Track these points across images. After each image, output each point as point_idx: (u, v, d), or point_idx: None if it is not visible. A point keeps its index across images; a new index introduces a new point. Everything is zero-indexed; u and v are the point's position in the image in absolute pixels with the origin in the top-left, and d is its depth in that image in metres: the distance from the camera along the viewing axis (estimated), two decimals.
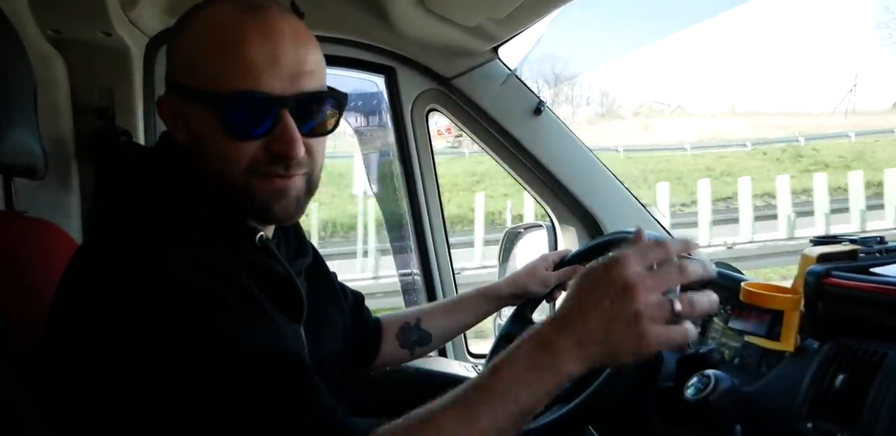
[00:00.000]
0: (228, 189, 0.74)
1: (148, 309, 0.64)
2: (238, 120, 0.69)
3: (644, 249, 0.64)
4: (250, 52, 0.68)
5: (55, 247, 0.98)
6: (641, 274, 0.62)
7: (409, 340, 1.14)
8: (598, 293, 0.62)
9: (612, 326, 0.61)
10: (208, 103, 0.70)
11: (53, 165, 1.10)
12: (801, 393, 0.76)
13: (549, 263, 1.18)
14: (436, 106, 1.60)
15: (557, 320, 0.64)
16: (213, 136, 0.71)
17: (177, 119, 0.76)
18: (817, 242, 0.87)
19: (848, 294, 0.76)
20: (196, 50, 0.71)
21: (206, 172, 0.74)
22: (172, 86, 0.75)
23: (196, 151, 0.74)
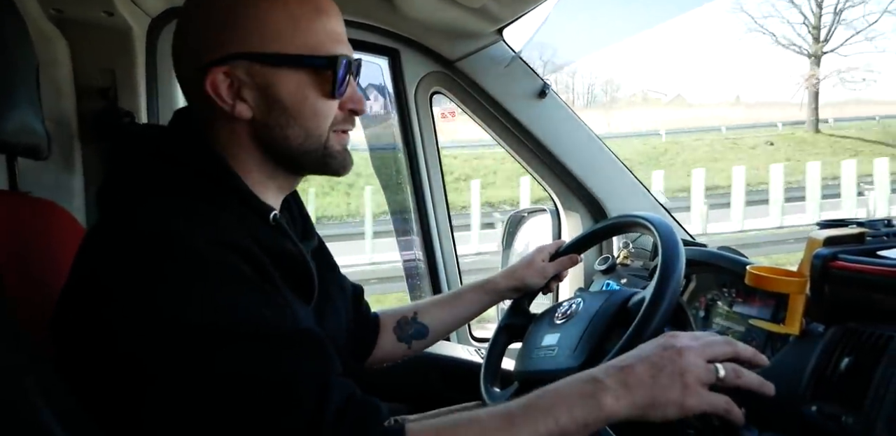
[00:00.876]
0: (313, 147, 0.79)
1: (171, 284, 0.63)
2: (339, 80, 0.77)
3: (695, 334, 0.73)
4: (332, 24, 0.78)
5: (59, 227, 0.98)
6: (690, 342, 0.70)
7: (406, 333, 1.13)
8: (651, 350, 0.69)
9: (659, 375, 0.66)
10: (310, 66, 0.76)
11: (57, 146, 1.10)
12: (806, 376, 0.76)
13: (545, 255, 1.17)
14: (440, 89, 1.59)
15: (610, 365, 0.70)
16: (310, 98, 0.77)
17: (242, 90, 0.75)
18: (824, 225, 0.87)
19: (855, 277, 0.76)
20: (285, 18, 0.75)
21: (288, 137, 0.78)
22: (244, 55, 0.75)
23: (277, 118, 0.77)
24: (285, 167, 0.81)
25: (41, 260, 0.91)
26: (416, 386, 1.51)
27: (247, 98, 0.76)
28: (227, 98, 0.75)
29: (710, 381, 0.67)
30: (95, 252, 0.69)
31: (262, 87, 0.76)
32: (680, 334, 0.71)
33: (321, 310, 0.87)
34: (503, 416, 0.66)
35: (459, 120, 1.80)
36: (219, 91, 0.75)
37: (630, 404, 0.66)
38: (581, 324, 0.98)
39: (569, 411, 0.65)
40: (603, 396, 0.65)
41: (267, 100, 0.76)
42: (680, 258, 0.90)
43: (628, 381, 0.66)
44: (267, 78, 0.75)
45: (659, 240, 0.93)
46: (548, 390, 0.68)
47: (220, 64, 0.74)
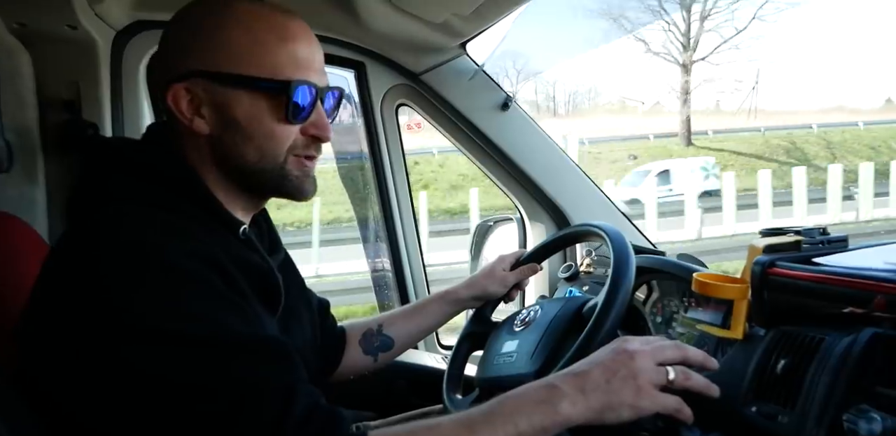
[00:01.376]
0: (267, 169, 0.80)
1: (141, 293, 0.64)
2: (294, 105, 0.78)
3: (648, 338, 0.76)
4: (299, 49, 0.78)
5: (20, 241, 0.98)
6: (641, 346, 0.73)
7: (372, 345, 1.15)
8: (605, 356, 0.73)
9: (613, 378, 0.69)
10: (266, 89, 0.77)
11: (19, 158, 1.10)
12: (748, 378, 0.80)
13: (506, 264, 1.20)
14: (405, 101, 1.61)
15: (566, 372, 0.73)
16: (265, 120, 0.78)
17: (201, 107, 0.77)
18: (766, 233, 0.91)
19: (790, 283, 0.80)
20: (246, 41, 0.76)
21: (242, 156, 0.79)
22: (203, 74, 0.76)
23: (232, 136, 0.78)
24: (244, 186, 0.82)
25: (2, 275, 0.91)
26: (384, 393, 1.52)
27: (205, 115, 0.78)
28: (187, 113, 0.77)
29: (661, 383, 0.70)
30: (64, 260, 0.70)
31: (219, 105, 0.77)
32: (632, 339, 0.74)
33: (286, 323, 0.88)
34: (463, 422, 0.68)
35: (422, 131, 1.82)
36: (179, 106, 0.77)
37: (586, 408, 0.68)
38: (538, 330, 1.01)
39: (527, 416, 0.67)
40: (560, 401, 0.68)
41: (223, 118, 0.78)
42: (630, 266, 0.93)
43: (584, 386, 0.69)
44: (223, 97, 0.77)
45: (611, 248, 0.97)
46: (507, 397, 0.70)
47: (181, 80, 0.76)
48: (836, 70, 32.79)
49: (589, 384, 0.69)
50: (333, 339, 1.12)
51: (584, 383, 0.69)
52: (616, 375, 0.69)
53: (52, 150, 1.28)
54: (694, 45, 20.12)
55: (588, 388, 0.69)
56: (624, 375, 0.69)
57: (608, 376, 0.69)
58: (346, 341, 1.14)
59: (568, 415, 0.68)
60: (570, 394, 0.68)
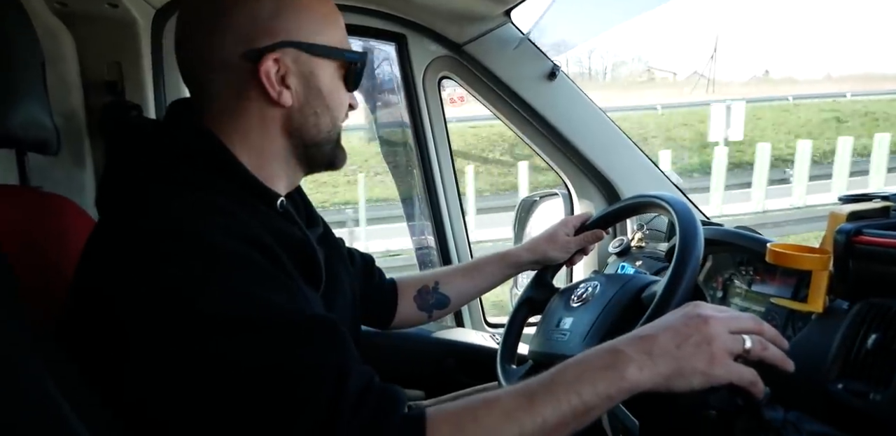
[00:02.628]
0: (333, 138, 0.84)
1: (185, 275, 0.63)
2: (359, 75, 0.83)
3: (719, 306, 0.71)
4: (342, 25, 0.82)
5: (71, 222, 0.98)
6: (716, 313, 0.68)
7: (426, 303, 1.14)
8: (675, 319, 0.68)
9: (684, 343, 0.65)
10: (346, 59, 0.81)
11: (66, 141, 1.10)
12: (832, 354, 0.75)
13: (569, 229, 1.16)
14: (448, 73, 1.57)
15: (631, 335, 0.68)
16: (340, 89, 0.82)
17: (287, 78, 0.77)
18: (847, 199, 0.85)
19: (880, 252, 0.74)
20: (324, 13, 0.80)
21: (318, 125, 0.81)
22: (292, 43, 0.76)
23: (315, 106, 0.80)
24: (305, 156, 0.83)
25: (53, 255, 0.91)
26: (432, 372, 1.51)
27: (291, 85, 0.77)
28: (276, 84, 0.76)
29: (737, 351, 0.66)
30: (104, 245, 0.69)
31: (307, 75, 0.78)
32: (704, 304, 0.69)
33: (330, 296, 0.86)
34: (524, 394, 0.64)
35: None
36: (269, 77, 0.76)
37: (654, 374, 0.64)
38: (594, 310, 0.97)
39: (591, 384, 0.64)
40: (626, 366, 0.64)
41: (309, 88, 0.79)
42: (698, 244, 0.88)
43: (652, 350, 0.65)
44: (311, 67, 0.78)
45: (678, 223, 0.92)
46: (569, 365, 0.66)
47: (272, 51, 0.75)
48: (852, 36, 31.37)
49: (657, 348, 0.65)
50: (384, 294, 1.12)
51: (651, 347, 0.65)
52: (688, 340, 0.65)
53: (97, 132, 1.28)
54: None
55: (656, 352, 0.64)
56: (697, 340, 0.65)
57: (679, 340, 0.65)
58: (399, 295, 1.13)
59: (635, 381, 0.63)
60: (637, 359, 0.64)
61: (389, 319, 1.12)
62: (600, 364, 0.65)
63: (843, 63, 26.10)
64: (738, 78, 24.05)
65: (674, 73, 24.13)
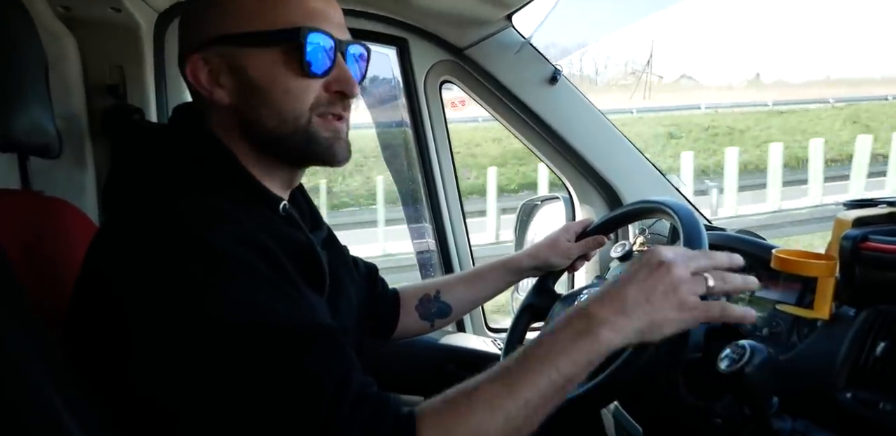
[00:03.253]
0: (292, 131, 0.75)
1: (187, 279, 0.63)
2: (311, 56, 0.73)
3: (673, 247, 0.72)
4: (311, 2, 0.74)
5: (72, 226, 0.98)
6: (674, 256, 0.68)
7: (428, 311, 1.13)
8: (637, 272, 0.68)
9: (652, 296, 0.65)
10: (280, 42, 0.73)
11: (68, 144, 1.09)
12: (839, 362, 0.74)
13: (570, 235, 1.16)
14: (449, 77, 1.57)
15: (599, 295, 0.68)
16: (280, 76, 0.74)
17: (220, 76, 0.75)
18: (852, 205, 0.84)
19: (887, 258, 0.74)
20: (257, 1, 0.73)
21: (263, 121, 0.75)
22: (218, 39, 0.74)
23: (252, 100, 0.75)
24: (274, 155, 0.79)
25: (54, 258, 0.91)
26: (433, 378, 1.50)
27: (224, 83, 0.75)
28: (206, 84, 0.75)
29: (702, 292, 0.67)
30: (109, 249, 0.69)
31: (236, 69, 0.75)
32: (661, 249, 0.70)
33: (334, 301, 0.86)
34: (501, 376, 0.64)
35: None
36: (198, 78, 0.75)
37: (629, 332, 0.65)
38: None
39: (567, 355, 0.64)
40: (600, 330, 0.64)
41: (241, 82, 0.75)
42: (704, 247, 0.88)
43: (623, 308, 0.65)
44: (238, 60, 0.74)
45: (681, 229, 0.91)
46: (542, 339, 0.67)
47: (198, 50, 0.74)
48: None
49: (628, 306, 0.65)
50: (387, 303, 1.11)
51: (622, 305, 0.65)
52: (655, 291, 0.66)
53: (99, 135, 1.28)
54: None
55: (628, 310, 0.65)
56: (663, 290, 0.66)
57: (647, 293, 0.66)
58: (401, 305, 1.12)
59: (610, 341, 0.65)
60: (610, 320, 0.65)
61: (391, 329, 1.11)
62: (573, 332, 0.65)
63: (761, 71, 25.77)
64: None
65: (660, 76, 23.76)
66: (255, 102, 0.75)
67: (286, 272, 0.70)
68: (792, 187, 10.20)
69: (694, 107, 16.41)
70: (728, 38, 35.44)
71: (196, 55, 0.74)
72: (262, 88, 0.74)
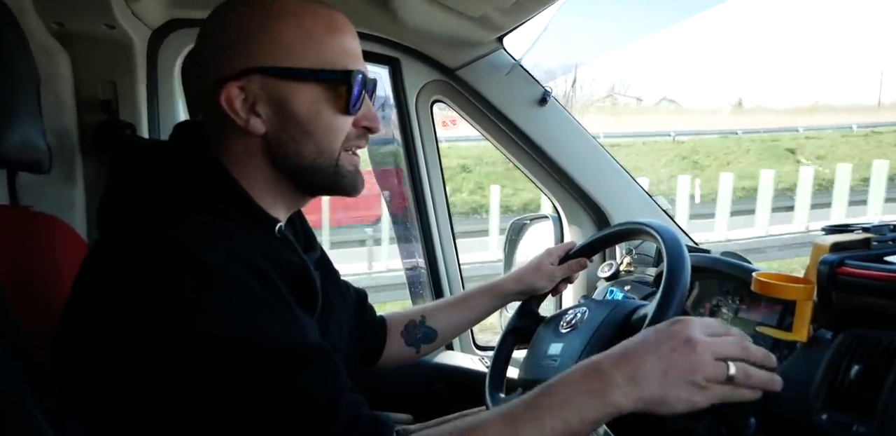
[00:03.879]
0: (324, 165, 0.79)
1: (180, 297, 0.63)
2: (353, 96, 0.77)
3: (707, 321, 0.70)
4: (347, 41, 0.78)
5: (61, 241, 0.98)
6: (705, 336, 0.67)
7: (414, 337, 1.13)
8: (661, 341, 0.67)
9: (670, 371, 0.65)
10: (325, 80, 0.76)
11: (58, 160, 1.10)
12: (816, 384, 0.75)
13: (553, 258, 1.17)
14: (440, 97, 1.59)
15: (617, 354, 0.67)
16: (322, 112, 0.77)
17: (257, 105, 0.76)
18: (830, 230, 0.86)
19: (862, 283, 0.75)
20: (300, 35, 0.75)
21: (299, 152, 0.78)
22: (259, 70, 0.75)
23: (290, 132, 0.77)
24: (295, 185, 0.81)
25: (43, 274, 0.91)
26: (421, 396, 1.50)
27: (261, 113, 0.76)
28: (242, 112, 0.75)
29: (720, 380, 0.65)
30: (103, 265, 0.69)
31: (277, 101, 0.76)
32: (692, 322, 0.68)
33: (325, 321, 0.86)
34: (508, 422, 0.64)
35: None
36: (233, 105, 0.75)
37: (638, 399, 0.64)
38: (585, 335, 0.98)
39: (577, 409, 0.64)
40: (611, 391, 0.64)
41: (281, 114, 0.76)
42: (685, 270, 0.89)
43: (637, 375, 0.64)
44: (282, 92, 0.75)
45: (665, 251, 0.93)
46: (553, 386, 0.66)
47: (235, 79, 0.75)
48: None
49: (643, 374, 0.64)
50: (374, 330, 1.11)
51: (637, 372, 0.65)
52: (674, 367, 0.64)
53: (89, 150, 1.28)
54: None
55: (641, 378, 0.64)
56: (682, 369, 0.64)
57: (664, 366, 0.64)
58: (388, 332, 1.12)
59: (619, 406, 0.64)
60: (622, 384, 0.64)
61: (376, 357, 1.11)
62: (585, 388, 0.65)
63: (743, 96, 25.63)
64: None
65: (638, 98, 23.09)
66: (294, 134, 0.77)
67: (279, 292, 0.71)
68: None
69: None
70: (712, 61, 35.55)
71: (233, 83, 0.75)
72: (304, 123, 0.76)
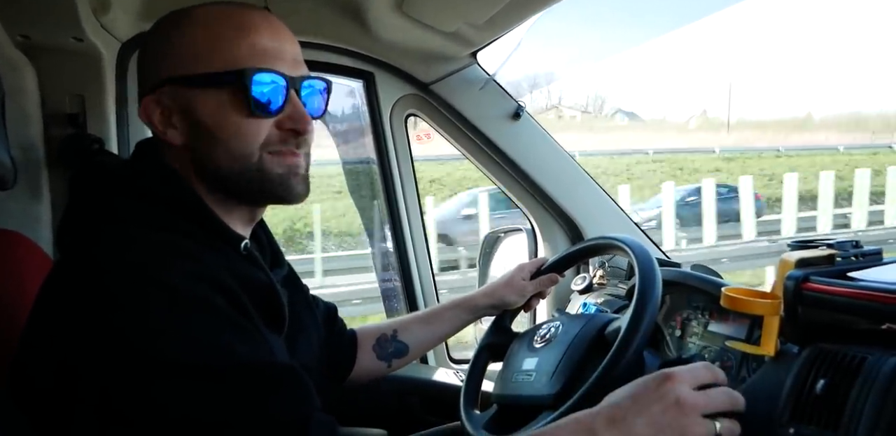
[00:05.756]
0: (243, 170, 0.76)
1: (144, 318, 0.62)
2: (259, 96, 0.73)
3: (695, 371, 0.71)
4: (262, 40, 0.74)
5: (25, 258, 0.96)
6: (694, 393, 0.68)
7: (385, 351, 1.13)
8: (651, 401, 0.67)
9: (660, 433, 0.65)
10: (227, 83, 0.73)
11: (23, 175, 1.08)
12: (783, 398, 0.76)
13: (525, 274, 1.18)
14: (415, 111, 1.60)
15: (606, 414, 0.68)
16: (229, 116, 0.74)
17: (171, 116, 0.76)
18: (795, 246, 0.88)
19: (826, 299, 0.77)
20: (205, 39, 0.74)
21: (214, 161, 0.76)
22: (169, 80, 0.75)
23: (202, 140, 0.75)
24: (230, 194, 0.79)
25: (7, 292, 0.89)
26: (396, 410, 1.49)
27: (176, 124, 0.76)
28: (160, 125, 0.76)
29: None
30: (63, 286, 0.67)
31: (185, 110, 0.76)
32: (680, 379, 0.69)
33: (293, 339, 0.86)
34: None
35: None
36: (152, 118, 0.76)
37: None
38: (559, 349, 0.98)
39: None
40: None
41: (190, 123, 0.76)
42: (656, 286, 0.90)
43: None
44: (187, 101, 0.75)
45: (637, 266, 0.94)
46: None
47: (151, 92, 0.76)
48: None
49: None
50: (344, 344, 1.11)
51: (626, 435, 0.65)
52: (664, 430, 0.66)
53: (55, 165, 1.26)
54: None
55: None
56: (673, 432, 0.66)
57: (654, 430, 0.65)
58: (358, 345, 1.12)
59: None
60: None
61: (347, 371, 1.10)
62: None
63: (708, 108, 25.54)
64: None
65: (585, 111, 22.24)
66: (206, 143, 0.76)
67: (246, 311, 0.70)
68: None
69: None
70: (676, 75, 35.89)
71: (149, 97, 0.76)
72: (211, 129, 0.75)
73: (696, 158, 16.11)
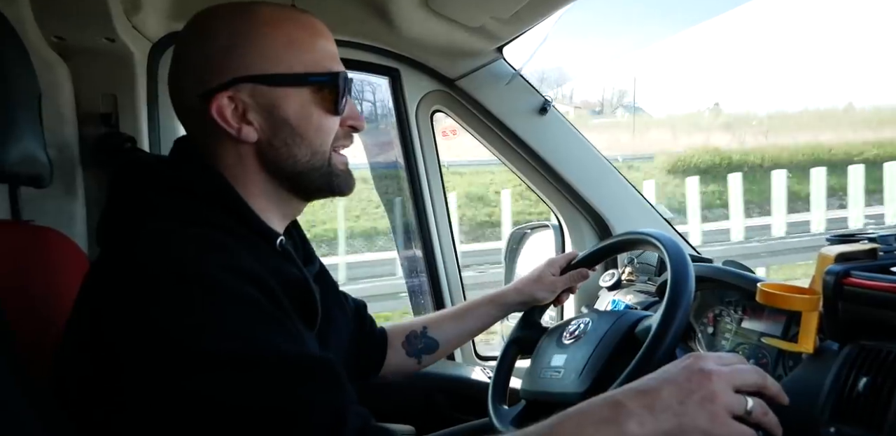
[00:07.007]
0: (318, 165, 0.81)
1: (184, 312, 0.62)
2: (337, 96, 0.80)
3: (722, 355, 0.70)
4: (327, 43, 0.81)
5: (62, 255, 0.97)
6: (720, 366, 0.66)
7: (415, 348, 1.13)
8: (677, 375, 0.66)
9: (687, 399, 0.63)
10: (312, 84, 0.78)
11: (58, 173, 1.10)
12: (823, 396, 0.75)
13: (555, 269, 1.17)
14: (441, 107, 1.60)
15: (633, 387, 0.66)
16: (312, 115, 0.79)
17: (248, 113, 0.77)
18: (835, 240, 0.85)
19: (869, 295, 0.75)
20: (283, 41, 0.78)
21: (294, 156, 0.79)
22: (246, 79, 0.76)
23: (283, 137, 0.78)
24: (290, 189, 0.82)
25: (44, 288, 0.90)
26: (423, 407, 1.49)
27: (252, 120, 0.77)
28: (233, 122, 0.76)
29: (739, 412, 0.64)
30: (104, 283, 0.68)
31: (268, 107, 0.77)
32: (706, 356, 0.68)
33: (324, 334, 0.86)
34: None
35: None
36: (224, 115, 0.76)
37: (654, 430, 0.62)
38: (588, 346, 0.97)
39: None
40: (626, 421, 0.62)
41: (273, 120, 0.78)
42: (689, 282, 0.88)
43: (654, 405, 0.63)
44: (272, 98, 0.77)
45: (668, 262, 0.92)
46: (569, 416, 0.65)
47: (224, 89, 0.76)
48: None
49: (659, 404, 0.63)
50: (374, 341, 1.11)
51: (653, 402, 0.63)
52: (691, 396, 0.63)
53: (90, 163, 1.28)
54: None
55: (658, 407, 0.63)
56: (700, 397, 0.63)
57: (681, 396, 0.63)
58: (389, 343, 1.12)
59: (633, 434, 0.62)
60: (638, 413, 0.62)
61: (377, 368, 1.11)
62: (600, 417, 0.63)
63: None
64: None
65: (577, 106, 20.76)
66: (287, 138, 0.79)
67: (282, 305, 0.70)
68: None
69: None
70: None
71: (222, 93, 0.76)
72: (295, 126, 0.78)
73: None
